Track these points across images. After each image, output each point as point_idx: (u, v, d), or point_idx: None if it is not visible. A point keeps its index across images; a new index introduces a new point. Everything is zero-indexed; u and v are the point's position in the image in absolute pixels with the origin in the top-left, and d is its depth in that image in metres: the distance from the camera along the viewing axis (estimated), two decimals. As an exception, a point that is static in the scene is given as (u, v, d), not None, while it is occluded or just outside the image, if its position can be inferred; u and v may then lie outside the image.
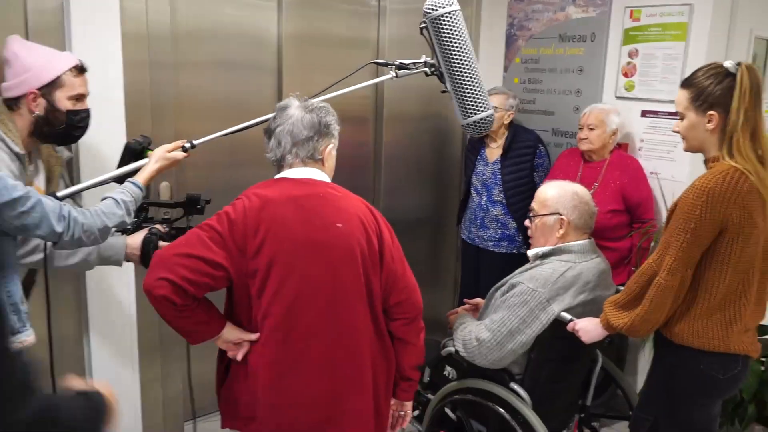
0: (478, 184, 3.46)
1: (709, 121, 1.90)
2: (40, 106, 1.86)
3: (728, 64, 1.89)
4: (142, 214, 2.09)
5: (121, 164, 2.04)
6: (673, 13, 2.97)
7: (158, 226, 2.06)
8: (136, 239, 2.01)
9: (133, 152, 2.04)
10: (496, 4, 3.73)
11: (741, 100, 1.83)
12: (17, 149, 1.80)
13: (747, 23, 3.10)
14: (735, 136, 1.84)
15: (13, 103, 1.87)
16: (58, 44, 2.32)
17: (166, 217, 2.14)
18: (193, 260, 1.62)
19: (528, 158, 3.35)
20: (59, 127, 1.91)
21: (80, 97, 1.94)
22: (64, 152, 2.15)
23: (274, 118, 1.83)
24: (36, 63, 1.85)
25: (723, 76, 1.88)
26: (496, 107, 3.25)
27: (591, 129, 3.06)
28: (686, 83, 1.97)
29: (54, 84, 1.87)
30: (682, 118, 1.97)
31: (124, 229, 2.02)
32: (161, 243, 2.01)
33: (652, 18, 3.05)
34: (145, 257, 1.99)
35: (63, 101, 1.89)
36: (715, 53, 2.94)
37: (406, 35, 2.24)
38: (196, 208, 2.10)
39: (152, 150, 2.06)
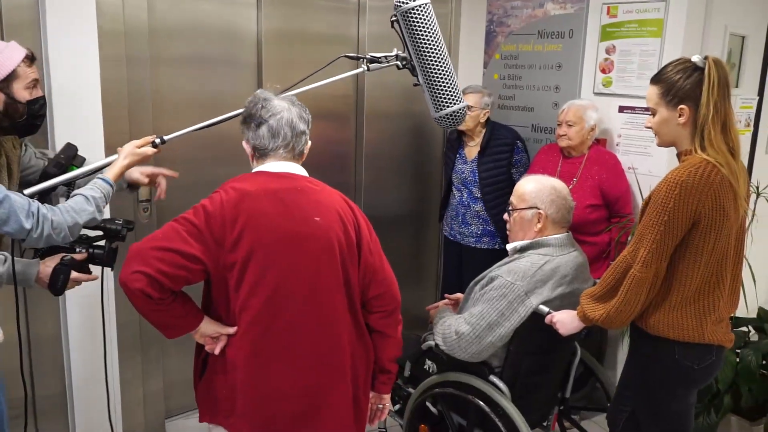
0: (458, 183, 3.47)
1: (680, 116, 1.93)
2: None
3: (696, 58, 1.92)
4: None
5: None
6: (649, 9, 3.01)
7: (75, 255, 1.90)
8: (48, 267, 1.87)
9: (49, 177, 1.92)
10: (475, 0, 3.74)
11: (710, 93, 1.86)
12: None
13: (722, 20, 3.14)
14: (706, 129, 1.87)
15: None
16: (33, 40, 2.31)
17: (85, 236, 1.97)
18: (169, 253, 1.62)
19: (506, 155, 3.36)
20: (20, 120, 1.86)
21: (35, 84, 1.88)
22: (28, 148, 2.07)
23: (261, 107, 1.79)
24: None
25: (691, 70, 1.91)
26: (471, 106, 3.27)
27: (570, 126, 3.09)
28: (656, 79, 2.00)
29: (10, 77, 1.82)
30: (653, 114, 2.01)
31: (36, 250, 1.89)
32: (74, 274, 1.89)
33: (629, 14, 3.08)
34: (53, 287, 1.86)
35: (21, 92, 1.84)
36: (690, 49, 2.97)
37: (386, 31, 2.24)
38: (118, 237, 1.97)
39: (77, 166, 1.98)
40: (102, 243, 1.96)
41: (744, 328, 2.94)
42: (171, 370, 3.01)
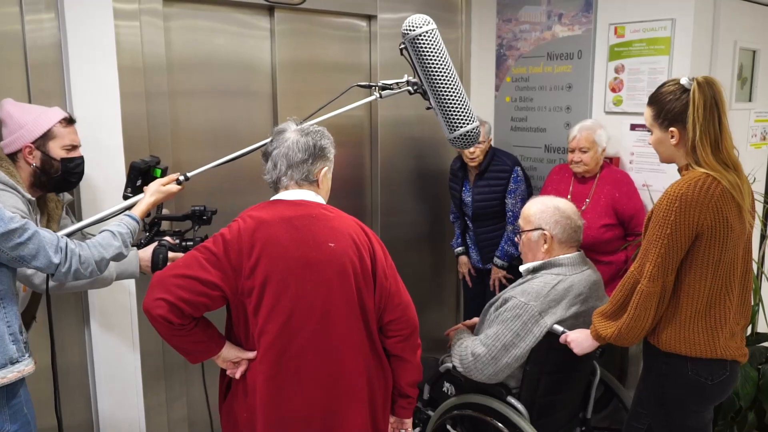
0: (470, 213, 3.49)
1: (672, 137, 1.97)
2: (36, 158, 2.02)
3: (684, 80, 1.95)
4: (154, 228, 2.21)
5: (129, 184, 2.15)
6: (656, 28, 3.03)
7: (168, 238, 2.15)
8: (147, 252, 2.14)
9: (139, 171, 2.15)
10: (484, 25, 3.80)
11: (695, 116, 1.89)
12: (28, 196, 1.94)
13: (731, 35, 3.16)
14: (697, 149, 1.91)
15: (13, 158, 2.01)
16: (56, 79, 2.40)
17: (177, 230, 2.25)
18: (189, 281, 1.67)
19: (502, 182, 3.36)
20: (56, 175, 2.05)
21: (73, 148, 2.09)
22: (65, 195, 2.27)
23: (271, 141, 1.90)
24: (28, 119, 2.01)
25: (680, 92, 1.95)
26: (480, 142, 3.30)
27: (584, 152, 3.05)
28: (650, 100, 2.04)
29: (46, 136, 2.03)
30: (651, 133, 2.04)
31: (138, 243, 2.16)
32: (171, 253, 2.11)
33: (636, 34, 3.11)
34: (155, 267, 2.09)
35: (56, 150, 2.04)
36: (699, 66, 2.99)
37: (398, 58, 2.30)
38: (203, 219, 2.21)
39: (161, 169, 2.17)
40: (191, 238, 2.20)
41: (766, 344, 2.91)
42: (195, 397, 3.04)
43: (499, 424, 2.26)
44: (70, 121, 2.09)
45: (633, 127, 3.20)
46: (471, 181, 3.46)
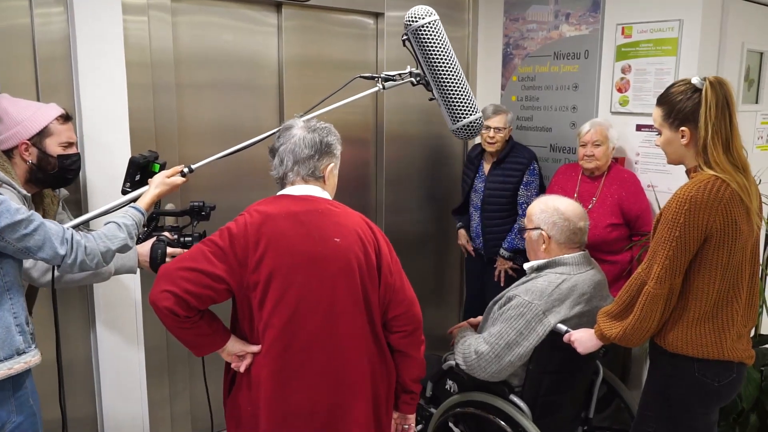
0: (478, 202, 3.50)
1: (682, 137, 1.96)
2: (32, 155, 2.01)
3: (695, 80, 1.94)
4: (153, 223, 2.22)
5: (127, 179, 2.14)
6: (664, 29, 3.03)
7: (166, 234, 2.16)
8: (146, 247, 2.14)
9: (138, 166, 2.14)
10: (491, 24, 3.80)
11: (707, 116, 1.88)
12: (23, 192, 1.94)
13: (739, 37, 3.15)
14: (708, 149, 1.89)
15: (8, 154, 2.02)
16: (65, 73, 2.41)
17: (175, 225, 2.26)
18: (195, 273, 1.68)
19: (518, 174, 3.36)
20: (52, 172, 2.05)
21: (69, 145, 2.08)
22: (61, 191, 2.27)
23: (278, 137, 1.91)
24: (24, 116, 2.00)
25: (691, 92, 1.93)
26: (501, 128, 3.31)
27: (597, 145, 3.05)
28: (660, 100, 2.03)
29: (43, 133, 2.02)
30: (660, 134, 2.04)
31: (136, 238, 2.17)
32: (169, 249, 2.11)
33: (643, 34, 3.11)
34: (153, 262, 2.09)
35: (53, 147, 2.04)
36: (706, 67, 2.99)
37: (404, 55, 2.31)
38: (201, 215, 2.21)
39: (159, 164, 2.16)
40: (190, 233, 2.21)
41: (768, 346, 2.91)
42: (198, 392, 3.06)
43: (502, 423, 2.27)
44: (66, 117, 2.08)
45: (639, 127, 3.19)
46: (486, 169, 3.46)
